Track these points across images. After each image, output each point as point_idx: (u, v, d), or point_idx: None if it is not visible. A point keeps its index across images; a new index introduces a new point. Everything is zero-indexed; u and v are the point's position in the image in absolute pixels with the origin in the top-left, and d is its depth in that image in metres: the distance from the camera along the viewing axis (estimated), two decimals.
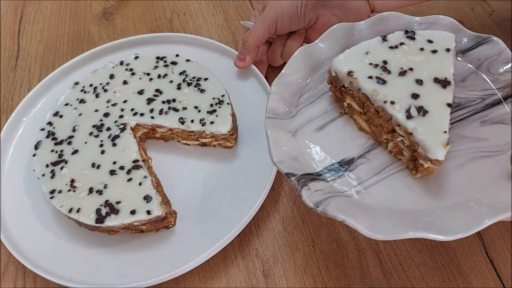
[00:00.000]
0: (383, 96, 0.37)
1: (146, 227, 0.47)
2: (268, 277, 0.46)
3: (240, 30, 0.70)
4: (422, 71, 0.38)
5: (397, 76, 0.38)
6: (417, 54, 0.40)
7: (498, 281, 0.43)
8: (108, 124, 0.53)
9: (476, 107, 0.40)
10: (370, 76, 0.38)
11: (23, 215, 0.51)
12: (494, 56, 0.41)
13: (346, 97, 0.41)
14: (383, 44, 0.41)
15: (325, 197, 0.35)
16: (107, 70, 0.60)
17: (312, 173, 0.38)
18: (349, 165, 0.38)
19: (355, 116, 0.41)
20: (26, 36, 0.75)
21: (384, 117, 0.38)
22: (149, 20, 0.74)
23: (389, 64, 0.39)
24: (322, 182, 0.37)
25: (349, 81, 0.39)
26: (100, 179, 0.49)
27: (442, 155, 0.34)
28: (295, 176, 0.36)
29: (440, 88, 0.37)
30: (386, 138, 0.39)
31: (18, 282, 0.48)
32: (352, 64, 0.40)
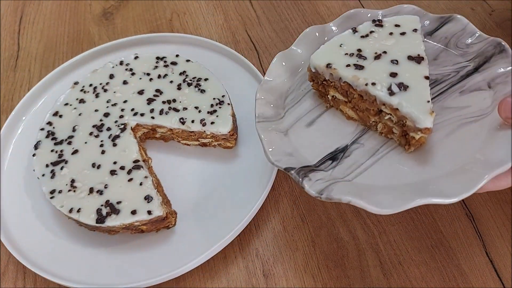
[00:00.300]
0: (363, 80, 0.39)
1: (147, 227, 0.47)
2: (268, 277, 0.46)
3: (240, 30, 0.70)
4: (395, 52, 0.41)
5: (373, 60, 0.41)
6: (388, 38, 0.42)
7: (498, 281, 0.43)
8: (108, 124, 0.53)
9: (452, 80, 0.42)
10: (348, 65, 0.41)
11: (23, 215, 0.51)
12: (459, 32, 0.44)
13: (329, 89, 0.43)
14: (354, 35, 0.43)
15: (326, 185, 0.36)
16: (107, 70, 0.60)
17: (310, 165, 0.39)
18: (344, 153, 0.40)
19: (341, 106, 0.43)
20: (26, 36, 0.75)
21: (369, 100, 0.39)
22: (149, 20, 0.74)
23: (364, 51, 0.42)
24: (321, 172, 0.38)
25: (329, 73, 0.41)
26: (101, 179, 0.49)
27: (430, 122, 0.36)
28: (294, 169, 0.37)
29: (415, 64, 0.39)
30: (374, 121, 0.41)
31: (18, 282, 0.48)
32: (329, 57, 0.42)
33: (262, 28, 0.70)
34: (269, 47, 0.67)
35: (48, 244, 0.49)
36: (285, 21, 0.70)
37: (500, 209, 0.47)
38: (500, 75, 0.40)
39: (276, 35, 0.68)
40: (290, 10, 0.72)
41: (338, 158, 0.40)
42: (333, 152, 0.40)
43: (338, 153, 0.40)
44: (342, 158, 0.40)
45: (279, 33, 0.69)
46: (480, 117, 0.39)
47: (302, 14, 0.71)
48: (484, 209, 0.47)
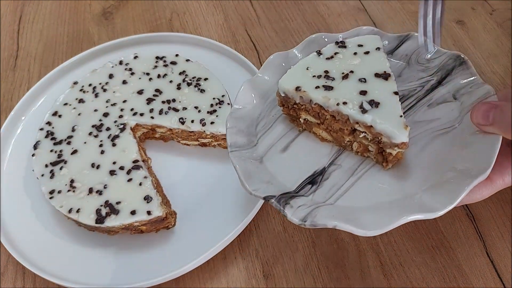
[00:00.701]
0: (334, 100, 0.39)
1: (146, 228, 0.47)
2: (268, 278, 0.46)
3: (240, 29, 0.70)
4: (362, 71, 0.41)
5: (341, 80, 0.41)
6: (353, 58, 0.43)
7: (499, 282, 0.43)
8: (108, 124, 0.53)
9: (418, 95, 0.43)
10: (317, 86, 0.40)
11: (22, 215, 0.51)
12: (419, 49, 0.45)
13: (301, 113, 0.42)
14: (319, 58, 0.43)
15: (309, 211, 0.35)
16: (106, 69, 0.59)
17: (290, 192, 0.38)
18: (322, 175, 0.40)
19: (314, 129, 0.43)
20: (25, 36, 0.75)
21: (341, 120, 0.39)
22: (148, 20, 0.74)
23: (331, 72, 0.42)
24: (302, 198, 0.37)
25: (299, 96, 0.41)
26: (100, 179, 0.49)
27: (405, 136, 0.36)
28: (274, 197, 0.37)
29: (383, 81, 0.40)
30: (349, 140, 0.40)
31: (17, 283, 0.48)
32: (297, 80, 0.41)
33: (262, 28, 0.70)
34: (269, 47, 0.67)
35: (48, 244, 0.49)
36: (285, 20, 0.70)
37: (500, 209, 0.47)
38: (463, 86, 0.41)
39: (276, 35, 0.68)
40: (290, 10, 0.71)
41: (317, 182, 0.39)
42: (312, 176, 0.39)
43: (316, 177, 0.39)
44: (321, 181, 0.39)
45: (279, 33, 0.68)
46: (451, 128, 0.39)
47: (302, 14, 0.71)
48: (485, 209, 0.47)
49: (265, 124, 0.44)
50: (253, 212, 0.47)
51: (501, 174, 0.35)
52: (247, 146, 0.42)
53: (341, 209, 0.36)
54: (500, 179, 0.35)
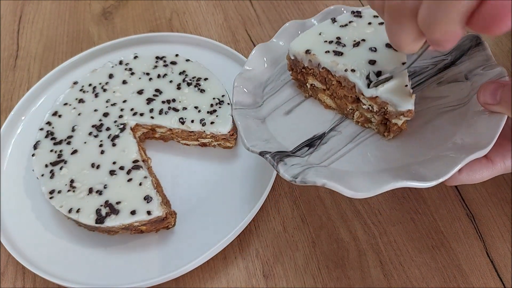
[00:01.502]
0: (342, 66, 0.39)
1: (146, 228, 0.47)
2: (268, 278, 0.46)
3: (240, 29, 0.70)
4: (374, 40, 0.41)
5: (352, 47, 0.41)
6: (367, 27, 0.43)
7: (499, 282, 0.43)
8: (108, 124, 0.53)
9: (430, 72, 0.43)
10: (327, 51, 0.41)
11: (22, 215, 0.51)
12: None
13: (308, 77, 0.43)
14: (333, 25, 0.44)
15: (302, 169, 0.36)
16: (106, 69, 0.59)
17: (286, 151, 0.39)
18: (321, 140, 0.40)
19: (319, 95, 0.43)
20: (25, 36, 0.75)
21: (347, 86, 0.39)
22: (148, 20, 0.74)
23: (343, 38, 0.42)
24: (297, 158, 0.38)
25: (308, 59, 0.41)
26: (100, 179, 0.49)
27: (411, 104, 0.36)
28: (270, 153, 0.37)
29: (393, 51, 0.40)
30: (351, 108, 0.41)
31: (17, 283, 0.48)
32: (308, 44, 0.42)
33: (262, 27, 0.70)
34: None
35: (48, 245, 0.49)
36: (285, 20, 0.70)
37: (500, 209, 0.47)
38: (477, 67, 0.41)
39: None
40: (290, 10, 0.71)
41: (315, 145, 0.40)
42: (310, 139, 0.40)
43: (315, 140, 0.40)
44: (319, 145, 0.40)
45: None
46: (458, 106, 0.39)
47: (302, 13, 0.71)
48: (485, 209, 0.47)
49: (272, 88, 0.45)
50: (253, 212, 0.47)
51: (502, 157, 0.35)
52: (252, 106, 0.43)
53: (333, 171, 0.37)
54: (501, 162, 0.35)
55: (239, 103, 0.43)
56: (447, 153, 0.35)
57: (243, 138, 0.39)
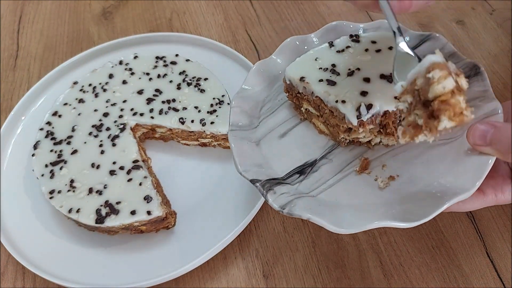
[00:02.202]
0: (334, 97, 0.39)
1: (146, 228, 0.47)
2: (268, 278, 0.46)
3: (240, 29, 0.70)
4: (368, 70, 0.40)
5: (346, 76, 0.40)
6: (363, 54, 0.42)
7: (499, 282, 0.43)
8: (108, 124, 0.53)
9: None
10: (321, 79, 0.40)
11: (22, 215, 0.51)
12: None
13: (303, 102, 0.42)
14: (330, 49, 0.43)
15: (290, 199, 0.36)
16: (106, 69, 0.59)
17: (277, 178, 0.39)
18: (312, 167, 0.40)
19: (314, 120, 0.43)
20: (25, 36, 0.75)
21: (339, 116, 0.39)
22: (148, 20, 0.74)
23: (338, 66, 0.41)
24: (287, 186, 0.38)
25: (303, 86, 0.41)
26: (100, 179, 0.49)
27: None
28: (260, 181, 0.37)
29: (387, 83, 0.39)
30: (343, 137, 0.40)
31: (17, 283, 0.48)
32: (303, 70, 0.42)
33: (262, 27, 0.70)
34: (269, 47, 0.67)
35: (48, 245, 0.49)
36: (285, 20, 0.70)
37: (501, 209, 0.47)
38: (474, 98, 0.39)
39: (276, 34, 0.68)
40: (290, 10, 0.71)
41: (305, 173, 0.40)
42: (302, 166, 0.40)
43: (306, 167, 0.40)
44: (309, 173, 0.40)
45: (279, 33, 0.68)
46: (449, 141, 0.38)
47: (302, 13, 0.71)
48: (485, 209, 0.47)
49: (269, 108, 0.45)
50: (253, 212, 0.46)
51: (493, 190, 0.35)
52: (248, 127, 0.43)
53: (321, 202, 0.37)
54: (492, 194, 0.35)
55: (235, 124, 0.42)
56: (433, 191, 0.35)
57: (237, 163, 0.39)
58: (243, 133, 0.42)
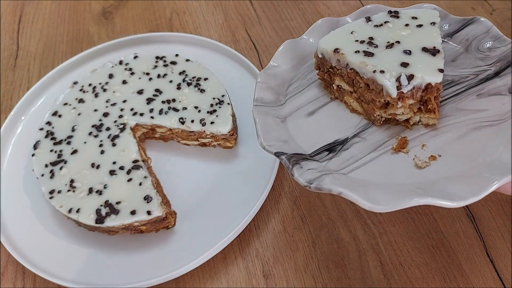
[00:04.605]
0: (371, 67, 0.37)
1: (146, 228, 0.47)
2: (268, 278, 0.46)
3: (240, 29, 0.70)
4: (409, 43, 0.39)
5: (385, 49, 0.39)
6: (403, 29, 0.40)
7: (499, 282, 0.43)
8: (108, 124, 0.53)
9: (470, 82, 0.40)
10: (357, 51, 0.39)
11: (22, 215, 0.51)
12: (482, 35, 0.42)
13: (335, 78, 0.41)
14: (367, 24, 0.42)
15: (318, 175, 0.34)
16: (106, 69, 0.59)
17: (304, 154, 0.37)
18: (343, 145, 0.38)
19: (346, 97, 0.41)
20: (25, 36, 0.75)
21: (376, 90, 0.37)
22: (148, 20, 0.74)
23: (376, 39, 0.40)
24: (315, 162, 0.36)
25: (336, 58, 0.39)
26: (100, 179, 0.49)
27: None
28: (286, 155, 0.35)
29: (430, 56, 0.37)
30: (379, 114, 0.38)
31: (17, 283, 0.48)
32: (338, 42, 0.40)
33: (262, 27, 0.70)
34: (269, 47, 0.67)
35: (48, 244, 0.49)
36: (285, 20, 0.70)
37: (500, 209, 0.47)
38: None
39: (276, 34, 0.68)
40: (290, 9, 0.71)
41: (335, 150, 0.37)
42: (331, 144, 0.38)
43: (336, 145, 0.38)
44: (340, 151, 0.37)
45: (279, 33, 0.68)
46: (497, 122, 0.36)
47: (302, 13, 0.71)
48: (485, 209, 0.47)
49: (297, 87, 0.43)
50: (253, 212, 0.46)
51: None
52: (273, 104, 0.41)
53: (353, 180, 0.34)
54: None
55: (260, 99, 0.41)
56: (480, 171, 0.33)
57: (260, 136, 0.37)
58: (267, 109, 0.40)
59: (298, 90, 0.43)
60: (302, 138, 0.39)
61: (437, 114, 0.37)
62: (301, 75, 0.44)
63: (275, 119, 0.40)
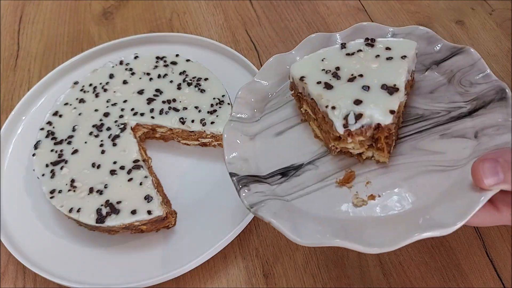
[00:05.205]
0: (325, 101, 0.37)
1: (147, 227, 0.47)
2: (268, 277, 0.46)
3: (240, 29, 0.70)
4: (372, 78, 0.38)
5: (346, 82, 0.38)
6: (372, 60, 0.39)
7: (498, 281, 0.43)
8: (108, 124, 0.53)
9: (439, 120, 0.38)
10: (319, 82, 0.38)
11: (23, 215, 0.51)
12: (467, 68, 0.39)
13: (303, 103, 0.41)
14: (341, 51, 0.41)
15: (263, 199, 0.36)
16: (107, 69, 0.60)
17: (259, 176, 0.38)
18: (296, 171, 0.38)
19: (311, 122, 0.41)
20: (26, 36, 0.75)
21: (329, 123, 0.37)
22: (148, 20, 0.74)
23: (341, 70, 0.39)
24: (266, 185, 0.37)
25: (302, 86, 0.40)
26: (101, 179, 0.49)
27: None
28: (237, 176, 0.37)
29: (386, 95, 0.36)
30: (333, 145, 0.38)
31: (18, 282, 0.48)
32: (306, 70, 0.40)
33: (262, 28, 0.70)
34: (269, 47, 0.67)
35: (48, 244, 0.49)
36: (285, 21, 0.70)
37: None
38: (490, 126, 0.35)
39: (276, 34, 0.68)
40: (290, 10, 0.72)
41: (288, 175, 0.38)
42: (286, 168, 0.39)
43: (290, 170, 0.39)
44: (292, 176, 0.38)
45: (279, 33, 0.68)
46: (450, 168, 0.35)
47: (302, 13, 0.71)
48: None
49: (276, 103, 0.44)
50: None
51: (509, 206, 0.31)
52: (248, 120, 0.42)
53: (293, 208, 0.36)
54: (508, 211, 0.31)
55: (235, 115, 0.42)
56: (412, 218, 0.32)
57: (224, 153, 0.39)
58: (241, 125, 0.41)
59: (275, 107, 0.43)
60: (264, 158, 0.40)
61: (386, 153, 0.36)
62: (283, 91, 0.44)
63: (244, 136, 0.41)
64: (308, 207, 0.36)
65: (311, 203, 0.36)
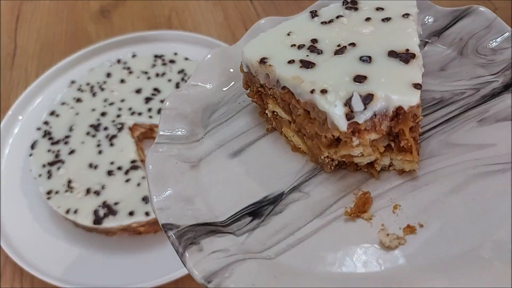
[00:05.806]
0: (309, 84, 0.24)
1: (145, 229, 0.46)
2: None
3: (239, 28, 0.69)
4: (369, 45, 0.27)
5: (332, 55, 0.26)
6: (362, 25, 0.28)
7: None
8: (106, 124, 0.53)
9: (468, 101, 0.28)
10: (292, 60, 0.26)
11: (20, 216, 0.51)
12: (482, 31, 0.30)
13: (268, 101, 0.29)
14: (312, 21, 0.30)
15: (227, 263, 0.23)
16: (104, 68, 0.59)
17: (214, 223, 0.25)
18: (275, 205, 0.26)
19: (285, 129, 0.29)
20: (23, 35, 0.74)
21: (319, 119, 0.25)
22: (147, 18, 0.73)
23: (321, 41, 0.27)
24: (228, 237, 0.24)
25: (264, 72, 0.27)
26: (98, 179, 0.48)
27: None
28: (178, 228, 0.24)
29: (400, 64, 0.25)
30: (328, 156, 0.26)
31: (15, 283, 0.48)
32: (267, 48, 0.28)
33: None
34: None
35: (45, 246, 0.48)
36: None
37: None
38: None
39: None
40: (291, 8, 0.71)
41: (263, 214, 0.25)
42: (258, 203, 0.26)
43: (265, 205, 0.26)
44: (269, 215, 0.25)
45: None
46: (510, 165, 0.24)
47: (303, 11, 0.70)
48: None
49: (225, 113, 0.31)
50: None
51: None
52: (185, 140, 0.29)
53: (280, 270, 0.23)
54: None
55: (166, 135, 0.29)
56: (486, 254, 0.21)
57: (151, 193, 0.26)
58: (175, 148, 0.29)
59: (225, 118, 0.31)
60: (218, 192, 0.27)
61: (415, 156, 0.25)
62: (232, 96, 0.32)
63: (181, 164, 0.28)
64: (308, 264, 0.23)
65: (312, 256, 0.23)
